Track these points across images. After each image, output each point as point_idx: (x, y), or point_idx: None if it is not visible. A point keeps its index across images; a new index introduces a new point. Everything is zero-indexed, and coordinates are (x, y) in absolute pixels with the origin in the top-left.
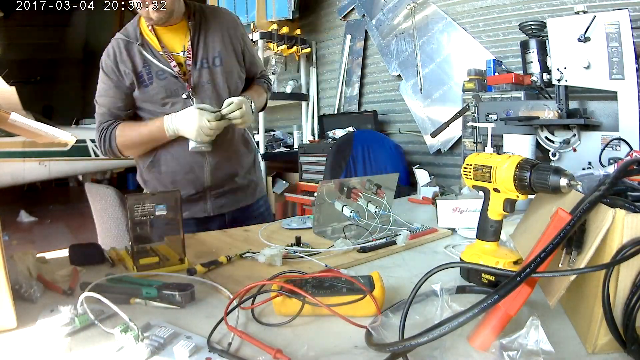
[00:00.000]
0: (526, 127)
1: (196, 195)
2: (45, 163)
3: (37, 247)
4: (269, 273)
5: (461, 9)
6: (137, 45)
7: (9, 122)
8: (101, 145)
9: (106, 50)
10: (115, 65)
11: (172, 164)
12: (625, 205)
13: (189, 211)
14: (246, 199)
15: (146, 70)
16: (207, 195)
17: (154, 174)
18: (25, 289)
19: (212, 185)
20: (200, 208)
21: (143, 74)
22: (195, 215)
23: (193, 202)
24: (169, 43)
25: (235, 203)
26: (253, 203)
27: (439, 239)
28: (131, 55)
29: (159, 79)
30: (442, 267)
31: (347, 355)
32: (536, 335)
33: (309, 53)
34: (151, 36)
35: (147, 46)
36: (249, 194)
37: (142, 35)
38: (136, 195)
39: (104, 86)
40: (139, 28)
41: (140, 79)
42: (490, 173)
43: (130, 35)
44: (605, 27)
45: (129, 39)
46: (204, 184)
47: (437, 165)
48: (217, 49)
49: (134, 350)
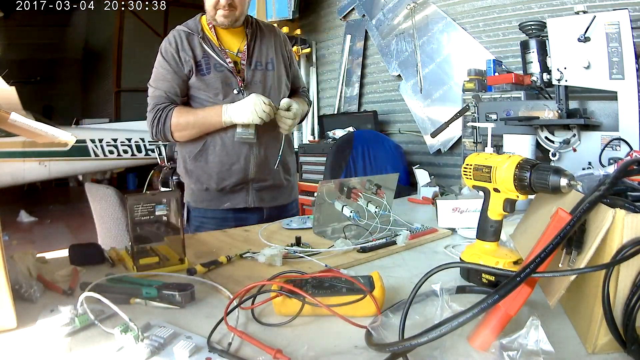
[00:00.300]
0: (526, 127)
1: (239, 186)
2: (45, 163)
3: (37, 247)
4: (269, 273)
5: (461, 9)
6: (198, 37)
7: (9, 122)
8: (154, 125)
9: (167, 39)
10: (176, 52)
11: (220, 153)
12: (625, 205)
13: (230, 202)
14: (284, 198)
15: (205, 60)
16: (249, 186)
17: (200, 164)
18: (25, 289)
19: (256, 178)
20: (242, 199)
21: (202, 64)
22: (236, 205)
23: (235, 193)
24: (226, 43)
25: (274, 199)
26: (289, 203)
27: (439, 239)
28: (192, 46)
29: (216, 70)
30: (442, 267)
31: (347, 355)
32: (536, 335)
33: (309, 53)
34: (211, 33)
35: (207, 40)
36: (287, 193)
37: (203, 31)
38: (136, 195)
39: (163, 71)
40: (200, 24)
41: (199, 67)
42: (490, 173)
43: (192, 28)
44: (605, 27)
45: (190, 31)
46: (248, 175)
47: (437, 165)
48: (271, 56)
49: (134, 350)
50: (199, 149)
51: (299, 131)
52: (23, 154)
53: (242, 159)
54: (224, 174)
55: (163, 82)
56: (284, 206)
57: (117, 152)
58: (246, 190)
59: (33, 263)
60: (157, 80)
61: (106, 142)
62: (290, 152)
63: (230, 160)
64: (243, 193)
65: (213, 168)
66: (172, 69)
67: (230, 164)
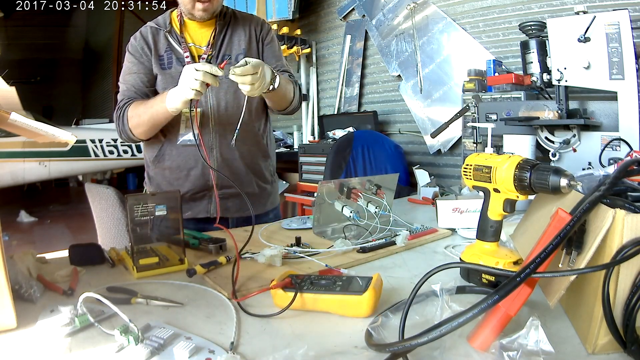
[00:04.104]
0: (526, 127)
1: (200, 193)
2: (45, 163)
3: (37, 247)
4: (269, 273)
5: (461, 9)
6: (164, 31)
7: (9, 122)
8: (117, 125)
9: (134, 35)
10: (139, 46)
11: (177, 157)
12: (625, 206)
13: (191, 211)
14: (255, 208)
15: (167, 54)
16: (211, 194)
17: (159, 169)
18: (25, 289)
19: (218, 184)
20: (203, 208)
21: (164, 58)
22: (197, 215)
23: (196, 201)
24: (195, 36)
25: (241, 209)
26: (262, 214)
27: (439, 239)
28: (156, 40)
29: (178, 64)
30: (442, 267)
31: (347, 355)
32: (536, 335)
33: (309, 53)
34: (177, 27)
35: (173, 34)
36: (259, 203)
37: (171, 25)
38: (136, 195)
39: (129, 65)
40: (169, 18)
41: (161, 61)
42: (490, 173)
43: (160, 24)
44: (605, 27)
45: (158, 27)
46: (209, 181)
47: (437, 165)
48: (242, 47)
49: (134, 351)
50: (156, 154)
51: (298, 131)
52: (23, 154)
53: (199, 163)
54: (181, 180)
55: (129, 75)
56: (257, 217)
57: (117, 152)
58: (208, 198)
59: (33, 263)
60: (124, 75)
61: (106, 142)
62: (263, 156)
63: (188, 165)
64: (205, 201)
65: (171, 174)
66: (137, 60)
67: (188, 169)
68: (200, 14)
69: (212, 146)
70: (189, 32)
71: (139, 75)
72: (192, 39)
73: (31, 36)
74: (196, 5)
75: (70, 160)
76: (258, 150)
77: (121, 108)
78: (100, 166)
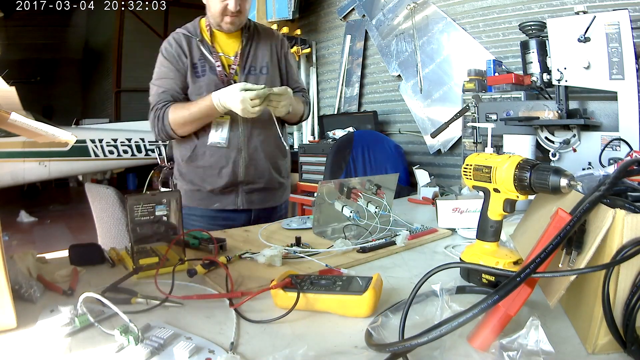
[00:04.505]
0: (526, 127)
1: (229, 188)
2: (45, 163)
3: (37, 247)
4: (269, 273)
5: (461, 9)
6: (196, 40)
7: (9, 122)
8: (155, 124)
9: (167, 40)
10: (176, 52)
11: (210, 158)
12: (625, 206)
13: (220, 203)
14: (274, 200)
15: (201, 63)
16: (239, 189)
17: (192, 167)
18: (25, 289)
19: (245, 181)
20: (231, 200)
21: (198, 66)
22: (226, 207)
23: (225, 194)
24: (223, 46)
25: (263, 201)
26: (278, 205)
27: (439, 239)
28: (190, 48)
29: (211, 73)
30: (442, 267)
31: (347, 355)
32: (536, 335)
33: (309, 53)
34: (208, 36)
35: (205, 43)
36: (277, 196)
37: (202, 34)
38: (136, 195)
39: (165, 69)
40: (199, 27)
41: (195, 69)
42: (490, 173)
43: (191, 31)
44: (605, 27)
45: (190, 34)
46: (237, 178)
47: (437, 165)
48: (266, 60)
49: (133, 351)
50: (190, 154)
51: (299, 131)
52: (23, 154)
53: (230, 162)
54: (214, 177)
55: (166, 79)
56: (273, 208)
57: (117, 152)
58: (236, 193)
59: (33, 263)
60: (159, 78)
61: (106, 142)
62: (282, 156)
63: (220, 164)
64: (233, 195)
65: (204, 171)
66: (174, 67)
67: (220, 168)
68: (228, 27)
69: (240, 147)
70: (218, 42)
71: (175, 82)
72: (222, 49)
73: (31, 36)
74: (225, 19)
75: (70, 160)
76: (278, 151)
77: (160, 109)
78: (100, 166)
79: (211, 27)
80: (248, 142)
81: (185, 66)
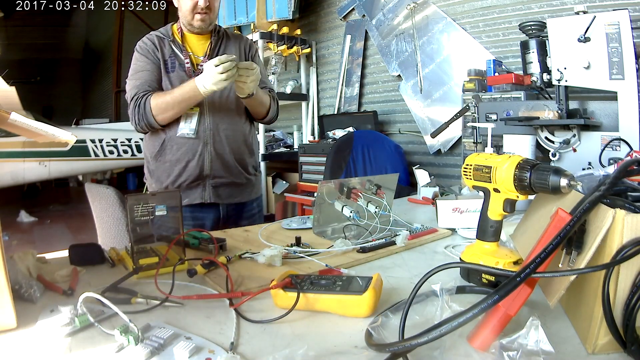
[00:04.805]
0: (526, 127)
1: (195, 182)
2: (45, 163)
3: (37, 247)
4: (269, 273)
5: (461, 9)
6: (168, 40)
7: (9, 122)
8: (135, 113)
9: (141, 40)
10: (150, 48)
11: (177, 151)
12: (625, 206)
13: (188, 198)
14: (242, 196)
15: (171, 60)
16: (206, 182)
17: (160, 163)
18: (25, 289)
19: (211, 174)
20: (198, 194)
21: (168, 62)
22: (193, 201)
23: (192, 189)
24: (193, 47)
25: (231, 196)
26: (247, 202)
27: (439, 239)
28: (162, 46)
29: (180, 69)
30: (442, 267)
31: (347, 355)
32: (536, 335)
33: (309, 53)
34: (179, 38)
35: (176, 43)
36: (245, 192)
37: (173, 35)
38: (136, 195)
39: (141, 64)
40: (171, 30)
41: (166, 65)
42: (490, 173)
43: (163, 33)
44: (605, 27)
45: (162, 35)
46: (204, 171)
47: (437, 165)
48: None
49: (133, 351)
50: (158, 149)
51: (298, 131)
52: (23, 154)
53: (197, 155)
54: (180, 171)
55: (143, 72)
56: (242, 204)
57: (117, 152)
58: (202, 186)
59: (33, 263)
60: (136, 72)
61: (106, 142)
62: (249, 152)
63: (186, 157)
64: (200, 189)
65: (171, 166)
66: (150, 60)
67: (187, 161)
68: (198, 24)
69: (207, 141)
70: (189, 43)
71: (152, 73)
72: (191, 49)
73: (31, 36)
74: (195, 16)
75: (70, 160)
76: (245, 148)
77: (141, 98)
78: (100, 166)
79: (182, 29)
80: (214, 135)
81: (159, 60)
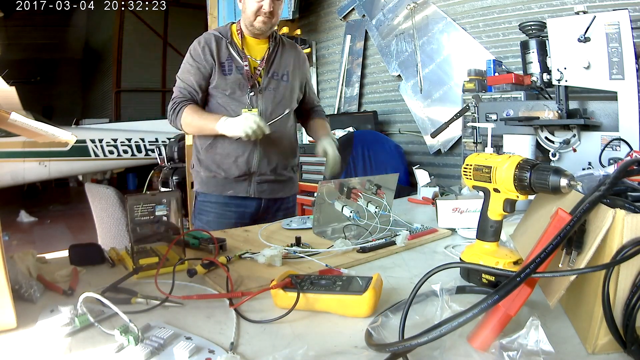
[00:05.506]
0: (526, 127)
1: (243, 177)
2: (45, 163)
3: (37, 247)
4: (269, 273)
5: (461, 9)
6: (226, 41)
7: (9, 122)
8: (170, 115)
9: (197, 39)
10: (202, 51)
11: (228, 147)
12: (625, 206)
13: (233, 190)
14: (283, 192)
15: (228, 62)
16: (252, 178)
17: (210, 155)
18: (25, 289)
19: (257, 171)
20: (244, 188)
21: (225, 65)
22: (238, 193)
23: (239, 182)
24: (251, 50)
25: (273, 192)
26: (287, 197)
27: (439, 239)
28: (219, 47)
29: (237, 72)
30: (442, 267)
31: (347, 355)
32: (536, 335)
33: (309, 53)
34: (238, 40)
35: (234, 45)
36: (286, 188)
37: (232, 37)
38: (136, 195)
39: (188, 66)
40: (230, 31)
41: (222, 67)
42: (490, 173)
43: (222, 33)
44: (605, 27)
45: (221, 35)
46: (251, 168)
47: (437, 165)
48: (288, 69)
49: (133, 351)
50: (210, 142)
51: (299, 131)
52: (23, 154)
53: (246, 153)
54: (229, 165)
55: (187, 75)
56: (281, 199)
57: (117, 152)
58: (248, 181)
59: (33, 263)
60: (182, 73)
61: (106, 142)
62: (293, 153)
63: (236, 153)
64: (245, 183)
65: (221, 159)
66: (196, 65)
67: (236, 157)
68: (260, 26)
69: (257, 141)
70: (247, 46)
71: (195, 79)
72: (250, 52)
73: (31, 36)
74: (257, 19)
75: (70, 160)
76: (290, 149)
77: (178, 104)
78: (100, 166)
79: (242, 32)
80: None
81: (209, 65)
